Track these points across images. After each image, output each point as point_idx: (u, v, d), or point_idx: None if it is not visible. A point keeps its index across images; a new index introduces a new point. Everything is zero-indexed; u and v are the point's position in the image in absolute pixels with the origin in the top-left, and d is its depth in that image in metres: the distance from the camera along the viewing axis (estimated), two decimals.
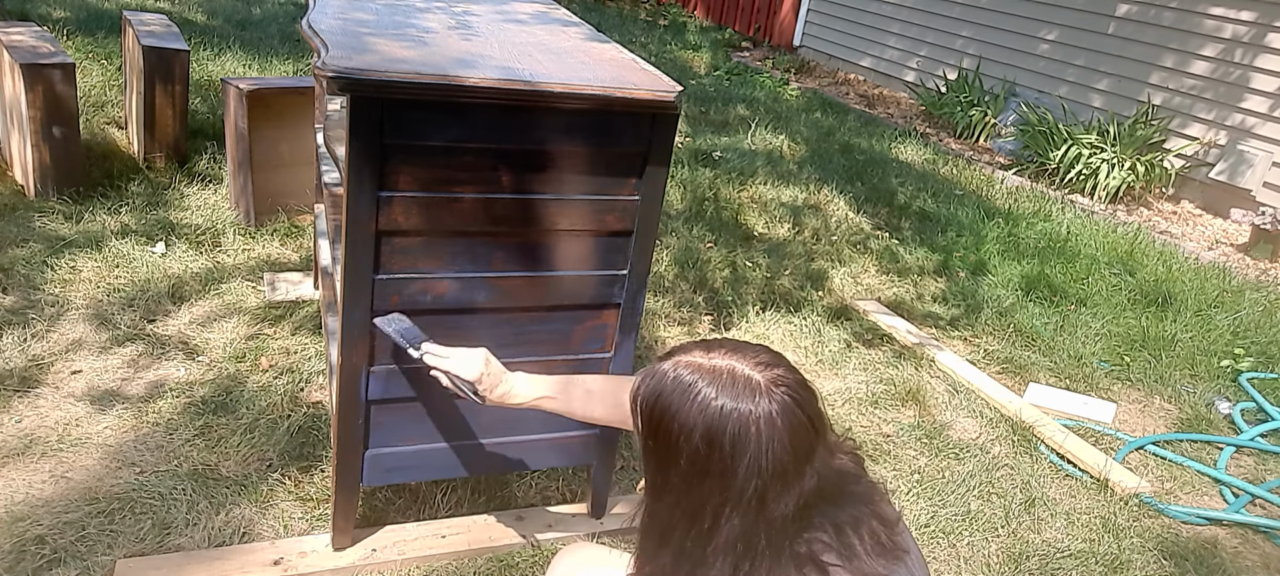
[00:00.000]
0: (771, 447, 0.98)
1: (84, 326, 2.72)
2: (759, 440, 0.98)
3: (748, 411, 0.98)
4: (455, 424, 1.92)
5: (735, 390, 1.00)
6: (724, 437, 0.98)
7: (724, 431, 0.98)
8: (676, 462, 1.02)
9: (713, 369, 1.02)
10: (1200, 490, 2.74)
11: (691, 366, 1.04)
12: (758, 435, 0.98)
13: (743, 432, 0.98)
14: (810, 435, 1.01)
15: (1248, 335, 3.71)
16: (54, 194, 3.43)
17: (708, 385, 1.01)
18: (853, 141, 6.00)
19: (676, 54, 8.28)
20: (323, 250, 2.56)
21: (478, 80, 1.56)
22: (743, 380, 1.00)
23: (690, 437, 1.00)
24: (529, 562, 2.05)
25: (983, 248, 4.36)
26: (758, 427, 0.98)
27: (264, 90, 3.32)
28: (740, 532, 1.00)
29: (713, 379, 1.01)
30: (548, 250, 1.80)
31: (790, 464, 0.99)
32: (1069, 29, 6.31)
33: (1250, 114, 5.32)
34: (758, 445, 0.98)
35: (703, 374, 1.02)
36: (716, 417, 0.99)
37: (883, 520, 1.08)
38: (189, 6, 6.88)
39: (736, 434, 0.98)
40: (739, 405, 0.98)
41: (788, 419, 0.99)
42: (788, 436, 0.99)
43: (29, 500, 2.04)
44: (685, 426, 1.00)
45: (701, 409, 1.00)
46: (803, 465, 1.00)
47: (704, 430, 0.99)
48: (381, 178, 1.60)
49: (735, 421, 0.98)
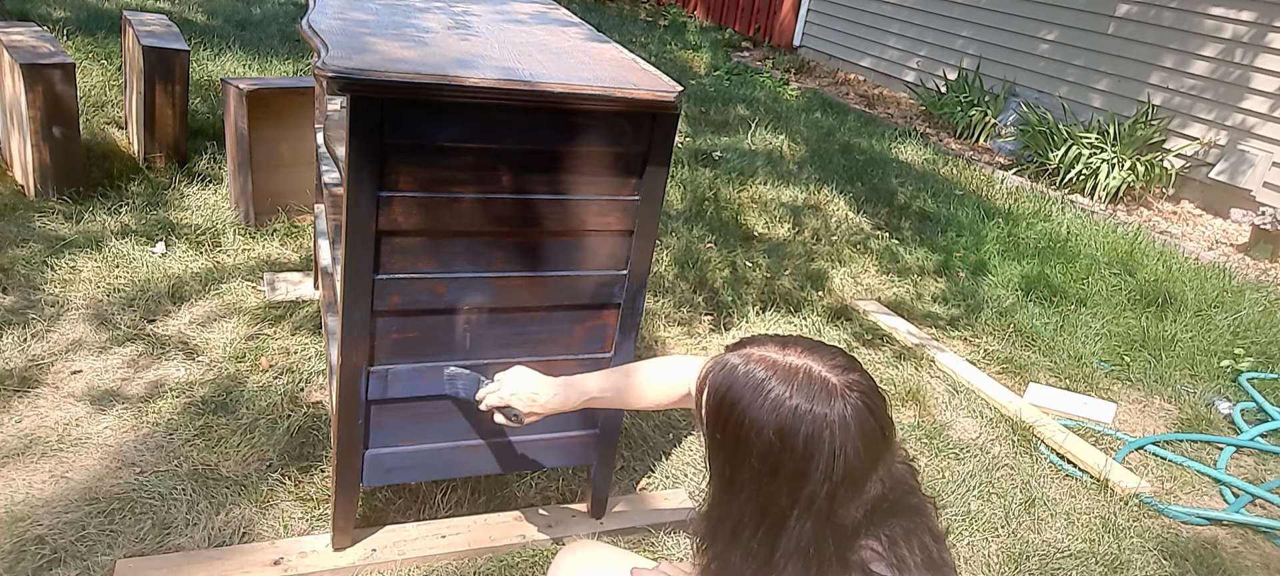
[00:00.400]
0: (844, 452, 0.97)
1: (84, 326, 2.72)
2: (832, 443, 0.96)
3: (822, 414, 0.97)
4: (455, 424, 1.92)
5: (810, 391, 0.98)
6: (798, 438, 0.97)
7: (798, 432, 0.97)
8: (747, 459, 1.00)
9: (788, 367, 1.00)
10: (1200, 490, 2.74)
11: (765, 362, 1.02)
12: (831, 438, 0.96)
13: (816, 435, 0.97)
14: (881, 442, 1.00)
15: (1248, 335, 3.71)
16: (54, 194, 3.43)
17: (782, 383, 0.99)
18: (853, 141, 6.00)
19: (676, 54, 8.28)
20: (323, 250, 2.56)
21: (478, 80, 1.56)
22: (819, 381, 0.99)
23: (762, 435, 0.98)
24: (529, 562, 2.05)
25: (982, 248, 4.36)
26: (831, 431, 0.97)
27: (264, 90, 3.32)
28: (811, 536, 0.99)
29: (787, 377, 0.99)
30: (548, 250, 1.80)
31: (861, 470, 0.98)
32: (1069, 29, 6.31)
33: (1250, 114, 5.32)
34: (830, 448, 0.96)
35: (777, 371, 1.00)
36: (790, 417, 0.97)
37: (933, 534, 1.07)
38: (189, 6, 6.88)
39: (810, 436, 0.97)
40: (814, 407, 0.97)
41: (861, 424, 0.98)
42: (860, 442, 0.97)
43: (29, 500, 2.04)
44: (757, 423, 0.99)
45: (774, 407, 0.98)
46: (872, 472, 0.99)
47: (777, 428, 0.98)
48: (381, 178, 1.60)
49: (810, 423, 0.97)
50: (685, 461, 2.50)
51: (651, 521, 2.23)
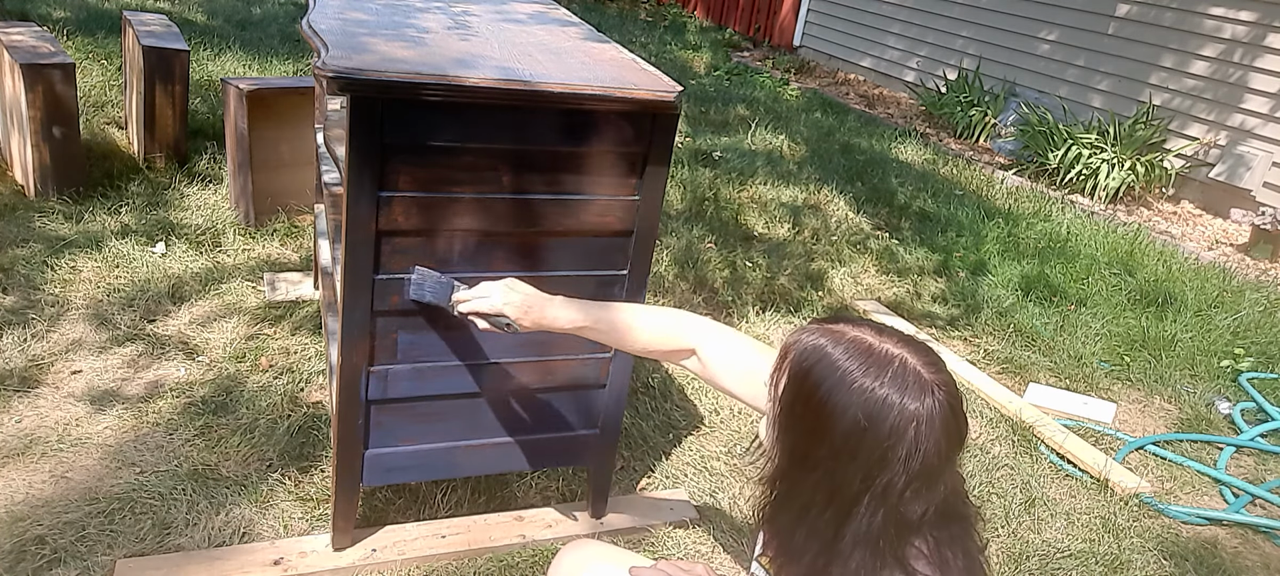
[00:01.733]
0: (925, 448, 0.97)
1: (84, 326, 2.72)
2: (917, 436, 0.96)
3: (913, 408, 0.97)
4: (455, 424, 1.92)
5: (903, 382, 0.98)
6: (884, 425, 0.97)
7: (885, 419, 0.97)
8: (827, 438, 1.00)
9: (884, 354, 1.00)
10: (1200, 490, 2.74)
11: (860, 346, 1.01)
12: (917, 431, 0.96)
13: (902, 426, 0.96)
14: (957, 444, 1.01)
15: (1248, 335, 3.71)
16: (54, 194, 3.43)
17: (876, 369, 0.99)
18: (853, 141, 6.00)
19: (676, 54, 8.28)
20: (323, 250, 2.56)
21: (478, 80, 1.56)
22: (912, 374, 0.99)
23: (847, 414, 0.98)
24: (529, 562, 2.05)
25: (982, 248, 4.36)
26: (918, 425, 0.97)
27: (264, 90, 3.32)
28: (879, 528, 0.99)
29: (882, 365, 0.99)
30: (548, 250, 1.80)
31: (937, 468, 0.98)
32: (1069, 29, 6.31)
33: (1250, 114, 5.32)
34: (914, 442, 0.96)
35: (872, 357, 1.00)
36: (879, 405, 0.97)
37: (978, 545, 1.07)
38: (189, 6, 6.88)
39: (896, 426, 0.96)
40: (905, 399, 0.97)
41: (944, 422, 0.98)
42: (942, 439, 0.98)
43: (29, 500, 2.04)
44: (843, 405, 0.98)
45: (863, 392, 0.98)
46: (944, 471, 1.00)
47: (865, 411, 0.97)
48: (381, 178, 1.60)
49: (897, 414, 0.97)
50: (685, 461, 2.50)
51: (651, 521, 2.23)
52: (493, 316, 1.59)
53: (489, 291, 1.61)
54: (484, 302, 1.60)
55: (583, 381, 1.99)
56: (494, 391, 1.91)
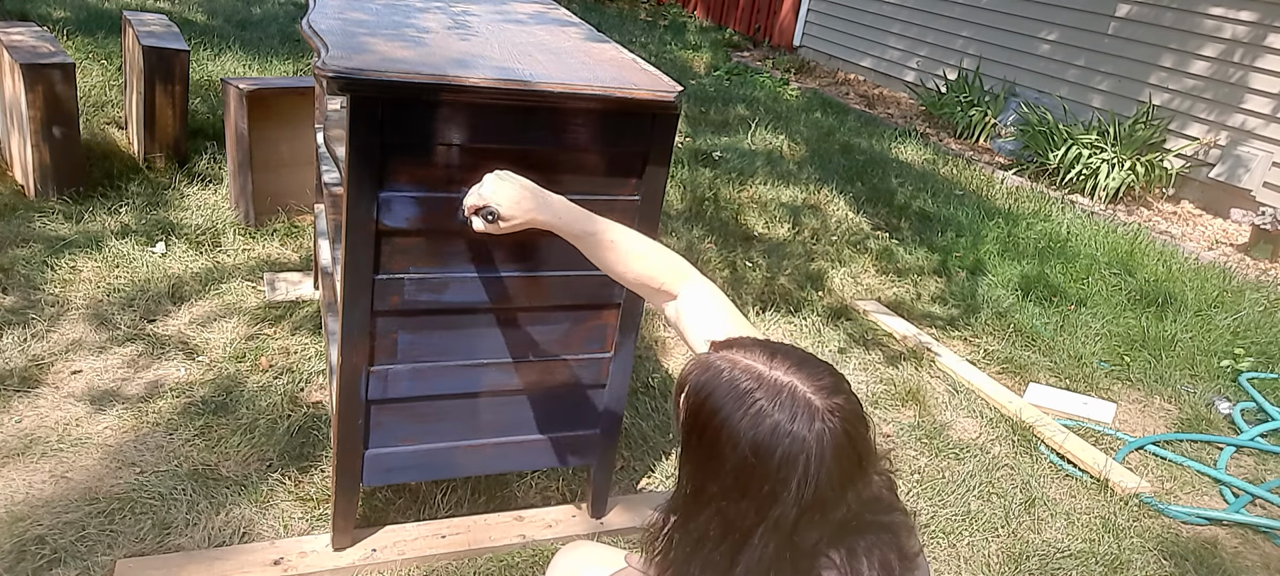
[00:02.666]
0: (817, 477, 0.95)
1: (84, 326, 2.72)
2: (807, 467, 0.94)
3: (801, 436, 0.94)
4: (455, 424, 1.92)
5: (793, 409, 0.95)
6: (773, 459, 0.95)
7: (774, 452, 0.95)
8: (719, 472, 0.98)
9: (773, 382, 0.98)
10: (1200, 490, 2.74)
11: (751, 373, 0.99)
12: (806, 462, 0.94)
13: (792, 457, 0.94)
14: (855, 469, 0.98)
15: (1248, 335, 3.71)
16: (54, 194, 3.43)
17: (766, 397, 0.96)
18: (853, 141, 6.00)
19: (676, 54, 8.28)
20: (323, 250, 2.56)
21: (478, 80, 1.56)
22: (802, 401, 0.96)
23: (737, 448, 0.96)
24: (529, 562, 2.05)
25: (981, 248, 4.36)
26: (808, 455, 0.94)
27: (264, 90, 3.32)
28: (771, 559, 0.97)
29: (772, 393, 0.97)
30: (547, 250, 1.80)
31: (831, 496, 0.96)
32: (1069, 29, 6.31)
33: (1250, 114, 5.32)
34: (804, 472, 0.94)
35: (763, 384, 0.97)
36: (768, 436, 0.95)
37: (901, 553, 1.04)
38: (189, 6, 6.88)
39: (785, 457, 0.94)
40: (795, 427, 0.95)
41: (837, 450, 0.95)
42: (835, 467, 0.95)
43: (29, 500, 2.04)
44: (733, 436, 0.96)
45: (754, 422, 0.96)
46: (842, 497, 0.97)
47: (753, 445, 0.95)
48: (381, 177, 1.60)
49: (787, 444, 0.94)
50: None
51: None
52: (481, 209, 1.51)
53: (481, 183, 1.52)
54: (472, 195, 1.51)
55: (583, 381, 1.99)
56: (494, 391, 1.91)
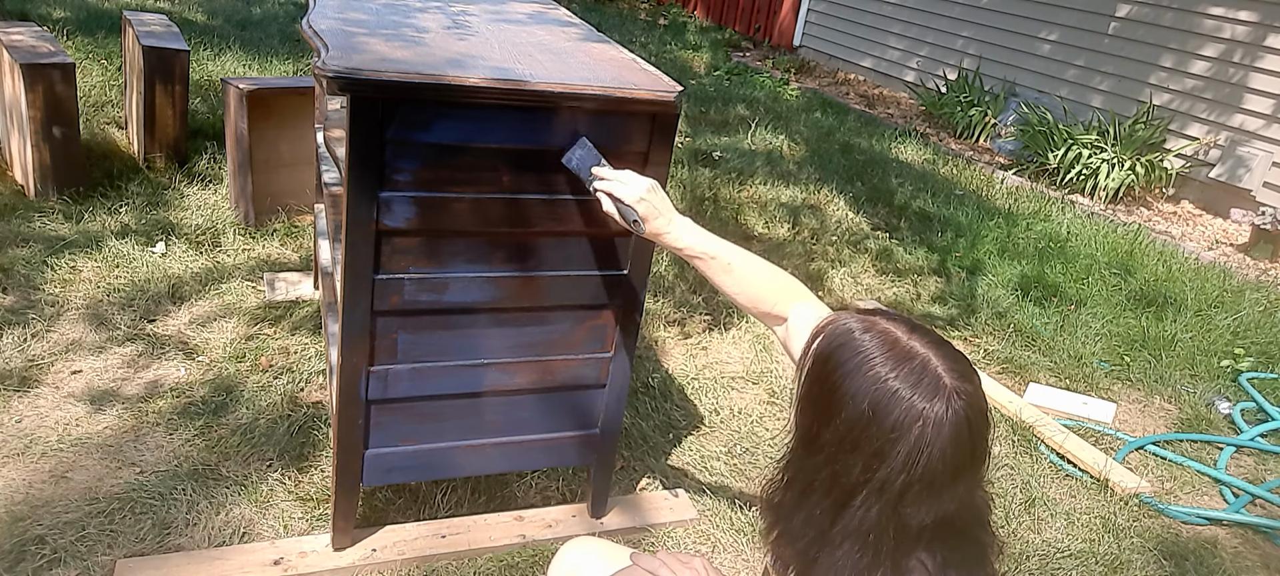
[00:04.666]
0: (930, 452, 0.94)
1: (84, 326, 2.72)
2: (922, 437, 0.94)
3: (921, 406, 0.94)
4: (455, 424, 1.92)
5: (917, 379, 0.95)
6: (888, 419, 0.94)
7: (890, 412, 0.94)
8: (834, 423, 0.98)
9: (907, 349, 0.98)
10: (1200, 490, 2.74)
11: (886, 337, 0.99)
12: (922, 432, 0.94)
13: (907, 423, 0.94)
14: (970, 459, 0.97)
15: (1248, 335, 3.71)
16: (54, 194, 3.43)
17: (893, 362, 0.97)
18: (853, 141, 6.00)
19: (676, 54, 8.28)
20: (323, 250, 2.56)
21: (478, 80, 1.56)
22: (930, 374, 0.96)
23: (855, 401, 0.96)
24: (529, 562, 2.05)
25: (981, 248, 4.36)
26: (924, 425, 0.94)
27: (264, 90, 3.32)
28: (872, 523, 0.97)
29: (901, 359, 0.97)
30: (548, 250, 1.80)
31: (942, 477, 0.95)
32: (1069, 29, 6.31)
33: (1250, 114, 5.32)
34: (918, 441, 0.94)
35: (893, 350, 0.98)
36: (887, 397, 0.95)
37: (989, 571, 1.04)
38: (189, 6, 6.88)
39: (901, 421, 0.94)
40: (914, 396, 0.94)
41: (956, 431, 0.94)
42: (950, 448, 0.94)
43: (29, 500, 2.04)
44: (854, 391, 0.97)
45: (875, 382, 0.96)
46: (952, 483, 0.96)
47: (872, 401, 0.95)
48: (381, 177, 1.60)
49: (905, 408, 0.94)
50: (685, 461, 2.50)
51: (651, 521, 2.23)
52: (624, 206, 1.57)
53: (630, 180, 1.58)
54: (622, 188, 1.57)
55: (583, 381, 1.99)
56: (494, 391, 1.91)
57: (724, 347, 3.18)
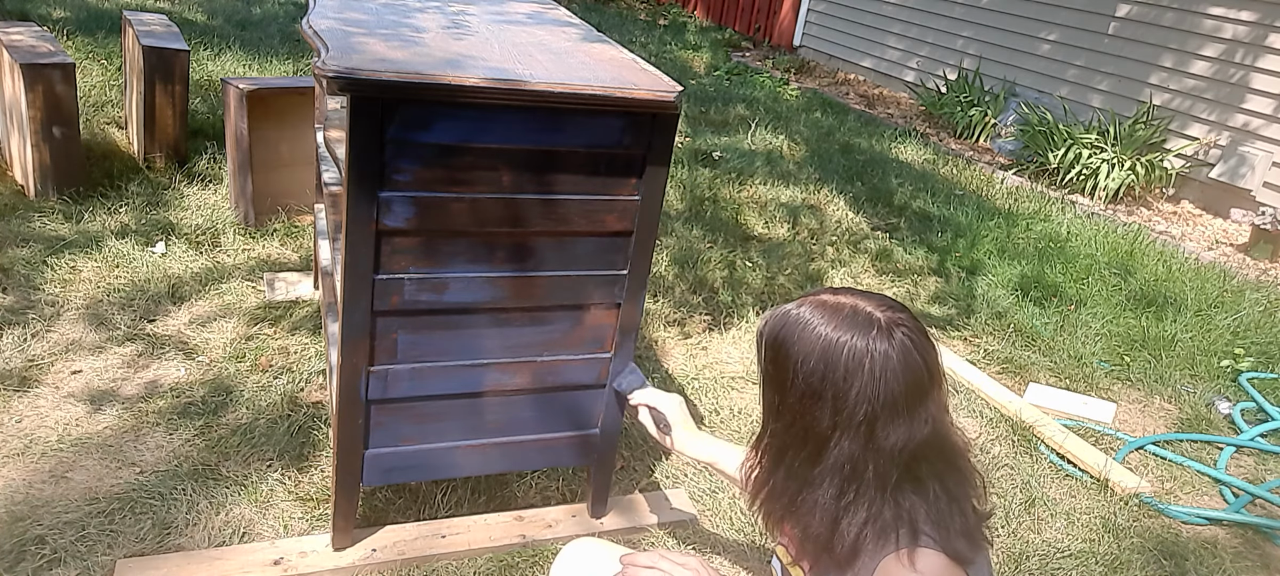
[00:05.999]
0: (884, 377, 1.02)
1: (83, 326, 2.72)
2: (872, 368, 1.02)
3: (862, 344, 1.03)
4: (455, 424, 1.92)
5: (854, 323, 1.05)
6: (838, 363, 1.03)
7: (839, 357, 1.04)
8: (794, 386, 1.07)
9: (835, 304, 1.08)
10: (1200, 490, 2.74)
11: (815, 303, 1.09)
12: (871, 364, 1.02)
13: (855, 360, 1.03)
14: (924, 377, 1.05)
15: (1248, 335, 3.71)
16: (54, 194, 3.43)
17: (827, 317, 1.07)
18: (852, 141, 6.00)
19: (676, 54, 8.28)
20: (323, 250, 2.56)
21: (478, 80, 1.56)
22: (862, 315, 1.05)
23: (806, 362, 1.05)
24: (529, 562, 2.05)
25: (980, 248, 4.36)
26: (872, 357, 1.02)
27: (264, 90, 3.32)
28: (848, 456, 1.05)
29: (834, 313, 1.07)
30: (548, 250, 1.80)
31: (902, 399, 1.03)
32: (1069, 29, 6.31)
33: (1251, 114, 5.32)
34: (870, 373, 1.02)
35: (825, 309, 1.08)
36: (832, 346, 1.04)
37: (977, 511, 1.11)
38: (189, 6, 6.88)
39: (850, 360, 1.03)
40: (854, 337, 1.04)
41: (903, 356, 1.03)
42: (901, 371, 1.03)
43: (29, 500, 2.04)
44: (803, 352, 1.06)
45: (818, 338, 1.05)
46: (915, 405, 1.04)
47: (820, 355, 1.05)
48: (381, 177, 1.60)
49: (849, 350, 1.03)
50: (685, 461, 2.50)
51: (651, 521, 2.23)
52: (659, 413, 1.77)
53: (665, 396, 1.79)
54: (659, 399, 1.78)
55: (583, 381, 1.99)
56: (494, 391, 1.91)
57: (724, 347, 3.18)
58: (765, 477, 1.17)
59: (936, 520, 1.05)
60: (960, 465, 1.11)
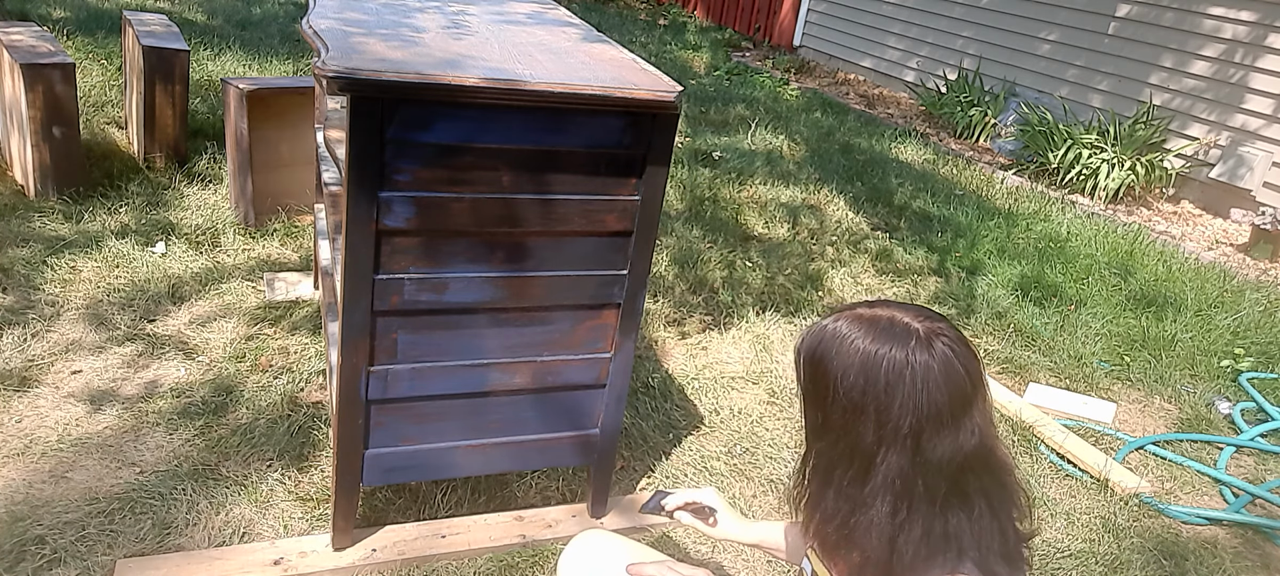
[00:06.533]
0: (927, 388, 1.00)
1: (83, 326, 2.72)
2: (914, 380, 1.00)
3: (902, 355, 1.01)
4: (455, 424, 1.92)
5: (892, 335, 1.03)
6: (879, 375, 1.02)
7: (879, 370, 1.02)
8: (835, 402, 1.06)
9: (872, 317, 1.06)
10: (1200, 490, 2.74)
11: (852, 318, 1.07)
12: (912, 375, 1.01)
13: (896, 372, 1.01)
14: (967, 387, 1.03)
15: (1248, 335, 3.71)
16: (54, 194, 3.43)
17: (865, 331, 1.05)
18: (852, 141, 6.00)
19: (676, 54, 8.28)
20: (323, 250, 2.56)
21: (478, 80, 1.56)
22: (901, 326, 1.04)
23: (846, 376, 1.04)
24: (529, 562, 2.05)
25: (980, 248, 4.36)
26: (912, 369, 1.01)
27: (264, 90, 3.32)
28: (897, 471, 1.02)
29: (871, 326, 1.05)
30: (548, 250, 1.80)
31: (946, 409, 1.01)
32: (1069, 29, 6.31)
33: (1250, 114, 5.32)
34: (912, 384, 1.00)
35: (862, 322, 1.06)
36: (871, 359, 1.02)
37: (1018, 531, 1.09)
38: (189, 6, 6.88)
39: (891, 372, 1.01)
40: (893, 349, 1.02)
41: (945, 366, 1.01)
42: (944, 381, 1.01)
43: (29, 500, 2.04)
44: (843, 368, 1.04)
45: (857, 352, 1.03)
46: (960, 415, 1.02)
47: (860, 369, 1.03)
48: (381, 177, 1.60)
49: (889, 362, 1.01)
50: (685, 461, 2.50)
51: (651, 521, 2.23)
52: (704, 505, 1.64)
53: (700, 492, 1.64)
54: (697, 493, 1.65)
55: (583, 381, 1.99)
56: (494, 391, 1.91)
57: (724, 347, 3.18)
58: (816, 502, 1.13)
59: (979, 540, 1.03)
60: (1006, 482, 1.08)
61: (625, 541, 1.54)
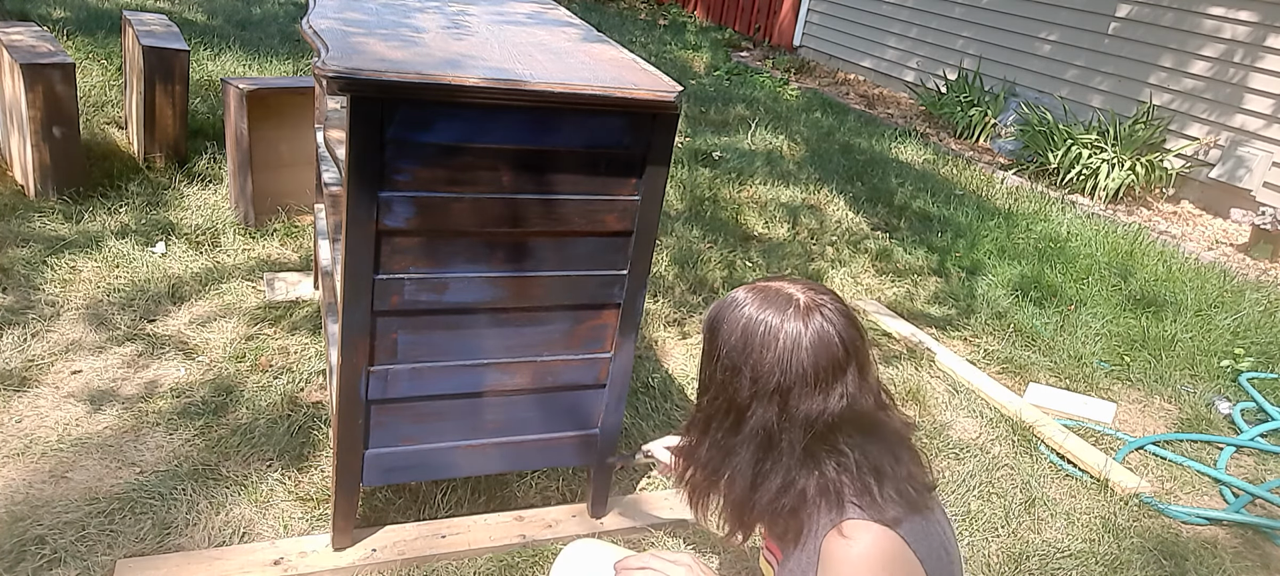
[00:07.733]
0: (797, 353, 1.11)
1: (83, 326, 2.72)
2: (783, 342, 1.11)
3: (778, 321, 1.12)
4: (455, 424, 1.92)
5: (775, 303, 1.14)
6: (756, 338, 1.13)
7: (756, 333, 1.13)
8: (720, 361, 1.17)
9: (766, 288, 1.17)
10: (1200, 490, 2.74)
11: (750, 288, 1.19)
12: (784, 339, 1.11)
13: (771, 335, 1.12)
14: (840, 355, 1.12)
15: (1248, 335, 3.71)
16: (54, 194, 3.43)
17: (754, 299, 1.16)
18: (852, 141, 6.00)
19: (676, 54, 8.28)
20: (323, 250, 2.56)
21: (478, 80, 1.56)
22: (784, 297, 1.14)
23: (730, 338, 1.15)
24: (529, 562, 2.05)
25: (980, 248, 4.36)
26: (785, 334, 1.11)
27: (264, 90, 3.32)
28: (763, 424, 1.13)
29: (761, 295, 1.16)
30: (548, 250, 1.80)
31: (812, 373, 1.11)
32: (1069, 29, 6.31)
33: (1250, 114, 5.32)
34: (783, 346, 1.11)
35: (755, 292, 1.17)
36: (752, 322, 1.14)
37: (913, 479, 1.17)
38: (189, 6, 6.88)
39: (766, 335, 1.12)
40: (771, 316, 1.13)
41: (818, 335, 1.11)
42: (812, 348, 1.11)
43: (29, 500, 2.04)
44: (728, 330, 1.16)
45: (743, 317, 1.15)
46: (827, 380, 1.11)
47: (742, 332, 1.14)
48: (381, 177, 1.60)
49: (766, 326, 1.12)
50: None
51: (651, 522, 2.23)
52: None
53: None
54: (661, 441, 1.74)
55: (583, 381, 1.99)
56: (494, 391, 1.91)
57: None
58: (692, 449, 1.24)
59: (861, 489, 1.12)
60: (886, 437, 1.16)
61: (614, 547, 1.55)
